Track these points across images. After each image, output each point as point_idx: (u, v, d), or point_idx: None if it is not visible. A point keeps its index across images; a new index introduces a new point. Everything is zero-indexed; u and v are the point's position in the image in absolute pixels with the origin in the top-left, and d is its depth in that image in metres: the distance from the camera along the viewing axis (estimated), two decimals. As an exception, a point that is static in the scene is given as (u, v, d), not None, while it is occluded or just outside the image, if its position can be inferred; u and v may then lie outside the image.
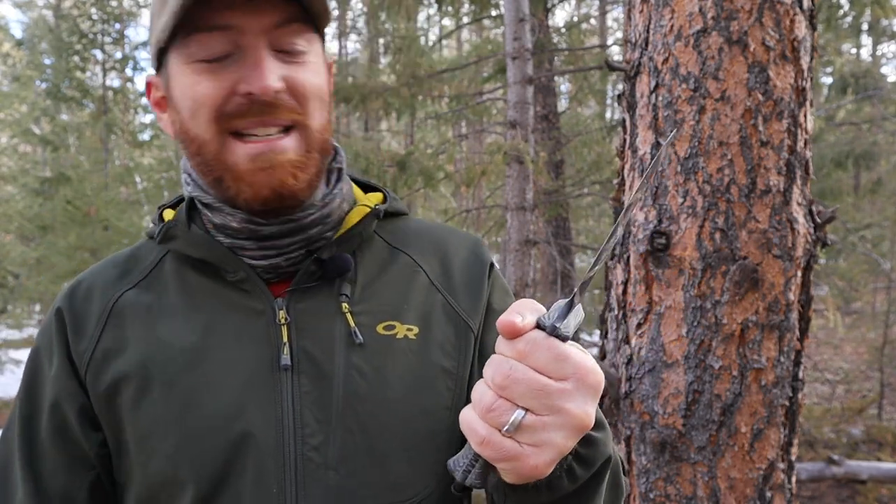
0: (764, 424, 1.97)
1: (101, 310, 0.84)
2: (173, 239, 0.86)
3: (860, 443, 6.50)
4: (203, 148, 0.79)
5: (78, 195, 8.47)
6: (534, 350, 0.59)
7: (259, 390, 0.79)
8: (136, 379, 0.80)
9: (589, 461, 0.68)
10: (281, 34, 0.77)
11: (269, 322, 0.82)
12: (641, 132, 2.12)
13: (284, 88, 0.77)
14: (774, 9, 1.95)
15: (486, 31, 12.38)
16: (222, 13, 0.75)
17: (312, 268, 0.83)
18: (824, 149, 7.95)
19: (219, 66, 0.77)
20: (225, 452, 0.77)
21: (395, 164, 5.51)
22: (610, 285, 2.23)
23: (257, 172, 0.77)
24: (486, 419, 0.60)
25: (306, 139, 0.80)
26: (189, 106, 0.79)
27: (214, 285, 0.84)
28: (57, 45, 10.77)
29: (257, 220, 0.81)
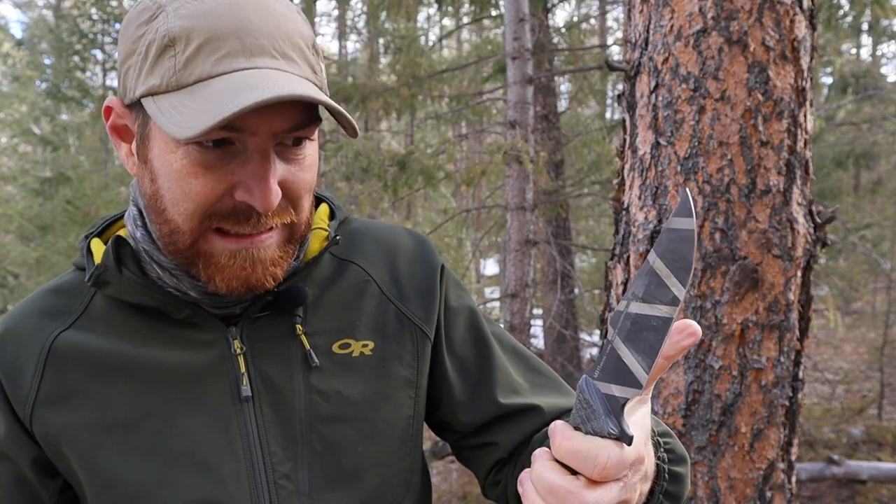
0: (764, 424, 1.97)
1: (37, 354, 0.77)
2: (106, 285, 0.78)
3: (860, 443, 6.50)
4: (177, 235, 0.73)
5: (78, 195, 8.47)
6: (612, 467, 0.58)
7: (222, 425, 0.76)
8: (87, 431, 0.75)
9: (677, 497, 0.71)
10: (289, 136, 0.72)
11: (223, 353, 0.78)
12: (641, 132, 2.12)
13: (281, 195, 0.72)
14: (774, 9, 1.95)
15: (486, 31, 12.38)
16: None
17: (269, 298, 0.80)
18: (824, 149, 7.96)
19: (216, 158, 0.70)
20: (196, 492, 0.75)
21: (395, 163, 5.51)
22: (610, 285, 2.23)
23: (238, 270, 0.73)
24: None
25: (289, 234, 0.77)
26: (173, 191, 0.71)
27: (159, 324, 0.79)
28: (57, 45, 10.77)
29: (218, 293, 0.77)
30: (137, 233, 0.79)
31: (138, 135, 0.75)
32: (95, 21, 10.90)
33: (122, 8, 11.51)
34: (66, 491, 0.79)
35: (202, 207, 0.71)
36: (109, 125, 0.78)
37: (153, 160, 0.73)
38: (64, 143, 11.31)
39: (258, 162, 0.70)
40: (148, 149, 0.74)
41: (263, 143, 0.70)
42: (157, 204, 0.74)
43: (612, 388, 0.57)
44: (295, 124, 0.71)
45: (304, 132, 0.73)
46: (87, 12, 10.84)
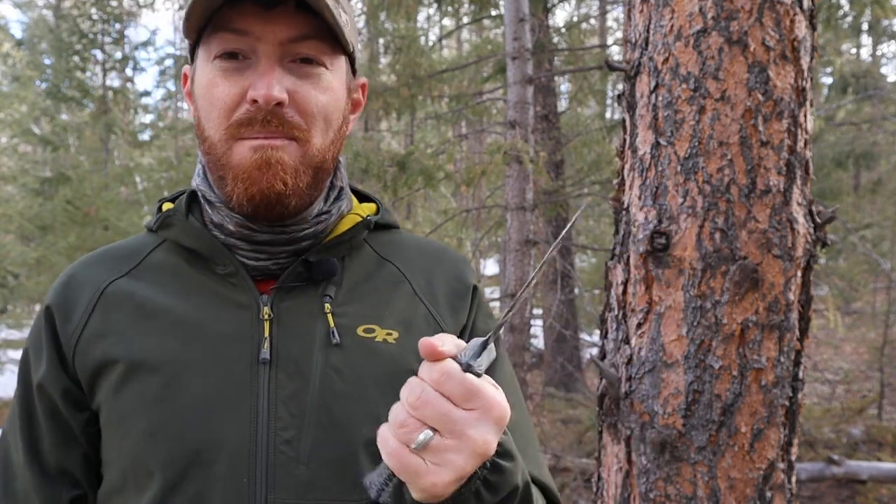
0: (764, 424, 1.97)
1: (90, 297, 0.88)
2: (169, 227, 0.89)
3: (860, 443, 6.50)
4: (212, 147, 0.84)
5: (78, 195, 8.47)
6: (447, 380, 0.64)
7: (237, 382, 0.82)
8: (121, 364, 0.83)
9: (496, 487, 0.70)
10: (295, 48, 0.81)
11: (252, 317, 0.84)
12: (641, 132, 2.12)
13: (288, 101, 0.80)
14: (774, 9, 1.95)
15: (486, 31, 12.37)
16: (244, 18, 0.80)
17: (300, 269, 0.86)
18: (824, 149, 7.96)
19: (234, 69, 0.81)
20: (196, 440, 0.80)
21: (395, 163, 5.51)
22: (610, 285, 2.23)
23: (254, 170, 0.81)
24: (398, 434, 0.64)
25: (304, 153, 0.83)
26: (204, 105, 0.84)
27: (203, 277, 0.87)
28: (57, 45, 10.77)
29: (252, 225, 0.85)
30: (197, 179, 0.90)
31: (191, 82, 0.88)
32: (95, 21, 10.90)
33: (122, 8, 11.50)
34: (91, 425, 0.87)
35: (223, 112, 0.81)
36: (185, 91, 0.91)
37: (195, 89, 0.86)
38: (64, 143, 11.31)
39: (264, 64, 0.80)
40: (193, 85, 0.87)
41: (269, 49, 0.80)
42: (200, 128, 0.85)
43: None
44: (300, 33, 0.80)
45: (311, 47, 0.81)
46: (87, 12, 10.84)
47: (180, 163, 11.02)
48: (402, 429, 0.64)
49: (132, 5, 13.21)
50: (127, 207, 9.27)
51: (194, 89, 0.86)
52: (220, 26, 0.81)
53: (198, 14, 0.80)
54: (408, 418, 0.64)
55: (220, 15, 0.80)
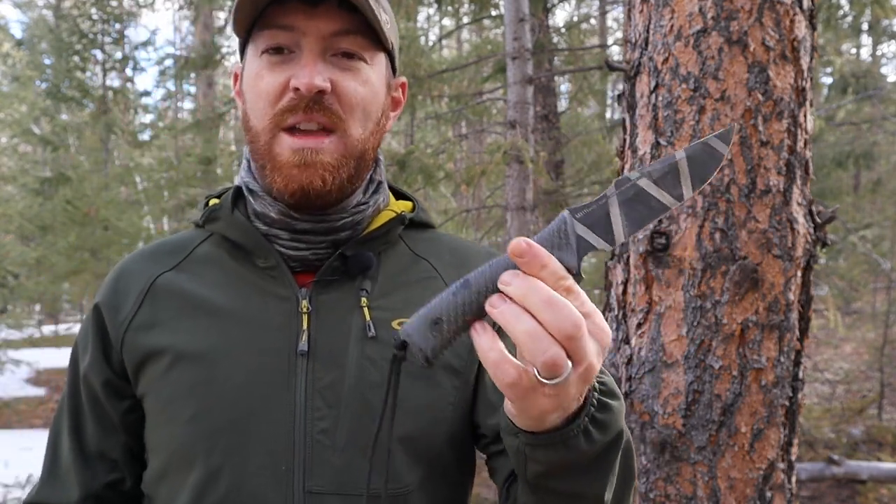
0: (764, 424, 1.97)
1: (140, 289, 0.92)
2: (216, 221, 0.94)
3: (860, 443, 6.50)
4: (257, 137, 0.87)
5: (78, 195, 8.48)
6: (576, 298, 0.58)
7: (276, 373, 0.85)
8: (168, 353, 0.87)
9: (605, 425, 0.68)
10: (337, 41, 0.85)
11: (292, 309, 0.87)
12: (641, 132, 2.12)
13: (329, 90, 0.83)
14: (774, 9, 1.95)
15: (486, 31, 12.38)
16: (289, 15, 0.84)
17: (336, 263, 0.89)
18: (824, 149, 7.96)
19: (279, 62, 0.85)
20: (238, 428, 0.83)
21: (396, 163, 5.51)
22: (610, 285, 2.23)
23: (293, 168, 0.84)
24: (543, 367, 0.57)
25: (344, 145, 0.86)
26: (251, 97, 0.87)
27: (245, 270, 0.91)
28: (57, 45, 10.77)
29: (293, 213, 0.88)
30: (242, 173, 0.94)
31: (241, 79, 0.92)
32: (95, 21, 10.91)
33: (122, 8, 11.51)
34: (131, 413, 0.92)
35: (268, 101, 0.85)
36: (236, 90, 0.94)
37: (244, 84, 0.90)
38: (64, 143, 11.32)
39: (307, 56, 0.84)
40: (243, 80, 0.91)
41: (312, 43, 0.84)
42: (247, 120, 0.89)
43: (588, 234, 0.62)
44: (342, 28, 0.84)
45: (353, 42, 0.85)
46: (87, 12, 10.84)
47: (180, 163, 11.02)
48: (554, 367, 0.56)
49: (132, 5, 13.20)
50: (127, 207, 9.28)
51: (243, 85, 0.90)
52: (266, 23, 0.85)
53: (245, 12, 0.84)
54: (562, 355, 0.57)
55: (267, 12, 0.84)
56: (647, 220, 0.63)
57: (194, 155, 10.90)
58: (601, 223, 0.62)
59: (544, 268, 0.58)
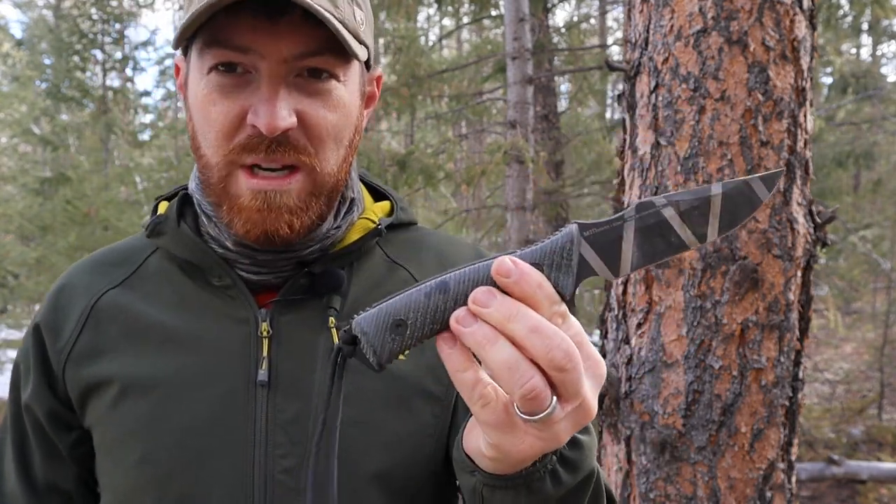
0: (764, 424, 1.97)
1: (81, 310, 0.82)
2: (161, 235, 0.83)
3: (860, 443, 6.50)
4: (209, 170, 0.75)
5: (78, 195, 8.48)
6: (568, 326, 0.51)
7: (233, 406, 0.76)
8: (114, 384, 0.78)
9: (575, 465, 0.61)
10: (304, 64, 0.71)
11: (250, 333, 0.78)
12: (641, 132, 2.12)
13: (295, 125, 0.71)
14: (774, 9, 1.95)
15: (486, 31, 12.38)
16: (244, 33, 0.69)
17: (302, 281, 0.79)
18: (824, 149, 7.96)
19: (232, 85, 0.72)
20: (190, 469, 0.74)
21: (396, 163, 5.51)
22: (610, 285, 2.23)
23: (254, 212, 0.73)
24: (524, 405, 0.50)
25: (313, 182, 0.75)
26: (200, 121, 0.75)
27: (199, 289, 0.81)
28: (57, 45, 10.77)
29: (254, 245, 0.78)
30: (193, 183, 0.83)
31: (183, 81, 0.79)
32: (95, 21, 10.91)
33: (122, 8, 11.50)
34: (79, 446, 0.83)
35: (222, 135, 0.72)
36: (178, 84, 0.81)
37: (188, 98, 0.77)
38: (64, 143, 11.32)
39: (266, 85, 0.70)
40: (187, 89, 0.77)
41: (273, 68, 0.70)
42: (194, 141, 0.77)
43: (594, 257, 0.54)
44: (307, 50, 0.71)
45: (321, 62, 0.72)
46: (87, 12, 10.84)
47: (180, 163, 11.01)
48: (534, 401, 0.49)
49: (132, 5, 13.21)
50: (127, 207, 9.27)
51: (188, 93, 0.77)
52: (216, 39, 0.70)
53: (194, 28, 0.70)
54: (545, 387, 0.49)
55: (215, 23, 0.69)
56: (660, 255, 0.55)
57: (194, 155, 10.86)
58: (610, 248, 0.54)
59: (538, 289, 0.51)
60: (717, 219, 0.55)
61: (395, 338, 0.53)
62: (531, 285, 0.50)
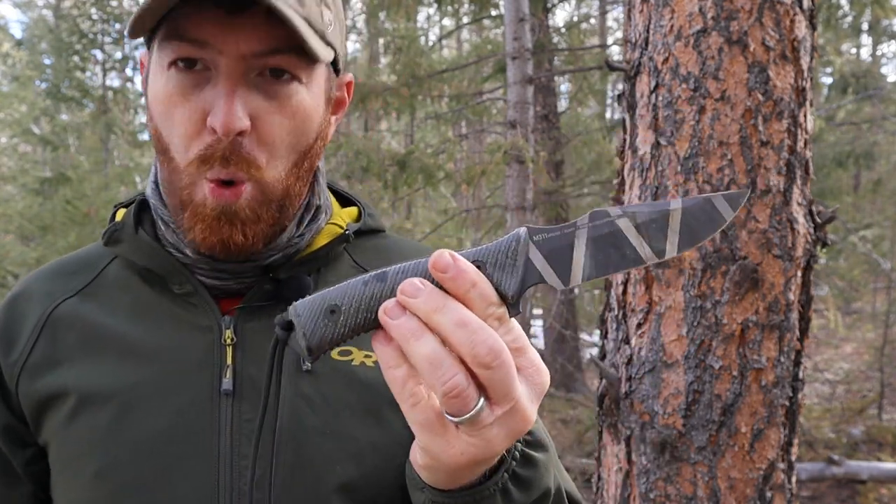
0: (764, 424, 1.97)
1: (36, 320, 0.80)
2: (118, 243, 0.81)
3: (860, 443, 6.50)
4: (176, 174, 0.73)
5: (78, 195, 8.48)
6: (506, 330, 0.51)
7: (196, 416, 0.73)
8: (70, 396, 0.75)
9: (528, 483, 0.60)
10: (263, 62, 0.70)
11: (213, 341, 0.76)
12: (641, 132, 2.12)
13: (248, 128, 0.70)
14: (774, 9, 1.95)
15: (486, 31, 12.38)
16: (203, 26, 0.68)
17: (267, 286, 0.78)
18: (824, 149, 7.96)
19: (191, 84, 0.70)
20: (151, 483, 0.72)
21: (395, 163, 5.51)
22: (610, 285, 2.23)
23: (213, 220, 0.72)
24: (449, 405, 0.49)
25: (261, 191, 0.73)
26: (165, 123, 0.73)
27: (159, 297, 0.79)
28: (57, 45, 10.77)
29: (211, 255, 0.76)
30: (149, 189, 0.81)
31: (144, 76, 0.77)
32: (95, 21, 10.91)
33: (122, 8, 11.50)
34: (34, 463, 0.79)
35: (187, 139, 0.71)
36: (143, 79, 0.80)
37: (149, 93, 0.75)
38: (64, 143, 11.32)
39: (223, 82, 0.69)
40: (148, 86, 0.75)
41: (231, 65, 0.68)
42: (160, 142, 0.74)
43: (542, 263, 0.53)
44: (267, 47, 0.69)
45: (283, 61, 0.70)
46: (87, 12, 10.84)
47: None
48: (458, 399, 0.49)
49: (132, 5, 13.21)
50: (126, 208, 9.25)
51: (150, 96, 0.76)
52: (175, 32, 0.69)
53: (151, 19, 0.68)
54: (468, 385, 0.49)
55: (175, 16, 0.68)
56: (614, 267, 0.53)
57: (194, 155, 10.87)
58: (560, 256, 0.53)
59: (473, 287, 0.50)
60: (676, 234, 0.53)
61: (327, 323, 0.52)
62: (466, 282, 0.49)
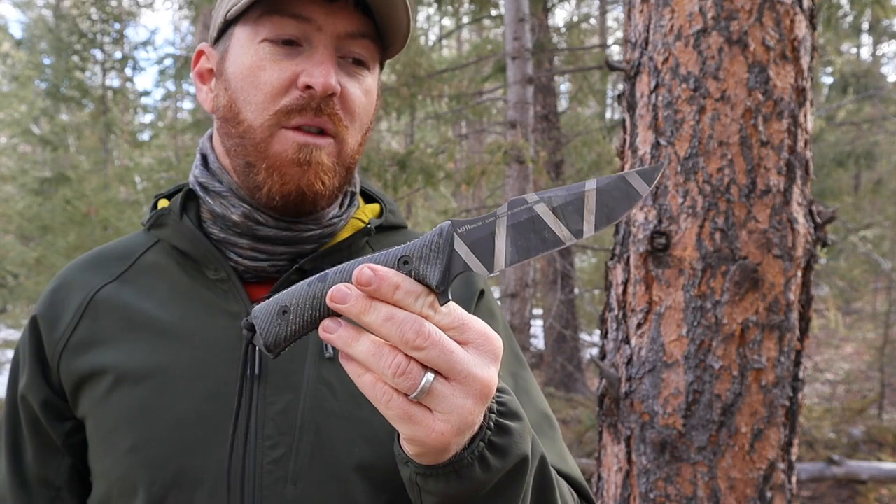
0: (764, 424, 1.96)
1: (79, 303, 0.86)
2: (163, 227, 0.87)
3: (860, 443, 6.50)
4: (249, 132, 0.80)
5: (77, 195, 8.48)
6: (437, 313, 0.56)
7: (223, 397, 0.78)
8: (109, 374, 0.81)
9: (504, 450, 0.63)
10: (350, 44, 0.81)
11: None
12: (641, 132, 2.12)
13: (339, 91, 0.79)
14: (774, 9, 1.94)
15: (486, 31, 12.38)
16: (305, 5, 0.78)
17: (294, 277, 0.83)
18: (825, 149, 7.96)
19: (283, 54, 0.79)
20: (180, 458, 0.77)
21: (396, 163, 5.51)
22: (610, 285, 2.23)
23: (294, 166, 0.79)
24: (399, 384, 0.55)
25: (340, 152, 0.82)
26: (244, 87, 0.80)
27: (194, 283, 0.85)
28: (56, 45, 10.76)
29: (258, 217, 0.82)
30: (196, 171, 0.87)
31: (218, 61, 0.85)
32: (95, 21, 10.90)
33: (122, 8, 11.50)
34: (74, 435, 0.86)
35: (270, 96, 0.79)
36: (196, 70, 0.88)
37: (228, 69, 0.83)
38: (63, 143, 11.32)
39: (321, 52, 0.79)
40: (226, 64, 0.83)
41: (327, 40, 0.79)
42: (232, 109, 0.82)
43: (467, 253, 0.57)
44: (359, 29, 0.80)
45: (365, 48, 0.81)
46: (86, 12, 10.84)
47: (180, 162, 11.02)
48: (404, 377, 0.54)
49: (132, 5, 13.22)
50: (126, 207, 9.27)
51: (226, 69, 0.83)
52: (276, 9, 0.78)
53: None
54: (409, 363, 0.54)
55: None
56: (536, 251, 0.56)
57: (194, 155, 10.87)
58: (483, 244, 0.57)
59: (397, 290, 0.55)
60: (592, 214, 0.56)
61: (280, 323, 0.57)
62: (389, 287, 0.55)
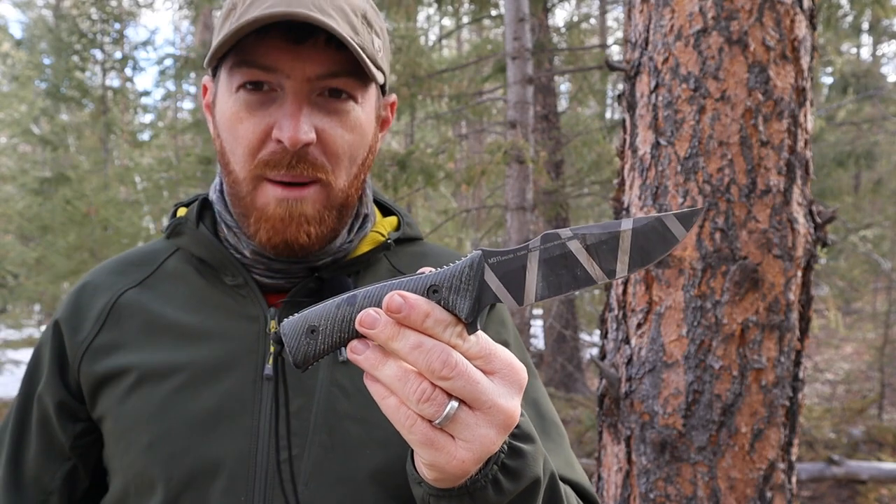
0: (764, 424, 1.96)
1: (102, 306, 0.89)
2: (180, 235, 0.90)
3: (860, 443, 6.50)
4: (237, 184, 0.82)
5: (77, 195, 8.48)
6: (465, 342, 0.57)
7: (240, 398, 0.81)
8: (131, 373, 0.84)
9: (517, 473, 0.63)
10: (325, 84, 0.79)
11: (259, 330, 0.84)
12: (641, 132, 2.12)
13: (315, 141, 0.78)
14: (774, 9, 1.94)
15: (486, 31, 12.38)
16: (270, 53, 0.77)
17: (311, 285, 0.85)
18: (825, 149, 7.96)
19: (258, 103, 0.79)
20: (197, 456, 0.79)
21: (396, 163, 5.50)
22: (610, 285, 2.23)
23: (278, 220, 0.80)
24: (422, 410, 0.56)
25: (326, 195, 0.81)
26: (228, 139, 0.82)
27: (212, 288, 0.88)
28: (56, 45, 10.77)
29: (267, 254, 0.84)
30: (214, 195, 0.90)
31: (213, 101, 0.86)
32: (95, 21, 10.90)
33: (122, 8, 11.51)
34: (84, 437, 0.88)
35: (248, 150, 0.79)
36: (205, 103, 0.90)
37: (217, 115, 0.84)
38: (63, 142, 11.32)
39: (290, 101, 0.77)
40: (216, 109, 0.85)
41: (297, 86, 0.77)
42: (223, 157, 0.84)
43: (497, 285, 0.56)
44: (329, 70, 0.78)
45: (342, 83, 0.79)
46: (86, 12, 10.84)
47: (180, 163, 11.02)
48: (429, 403, 0.55)
49: (132, 5, 13.22)
50: (126, 207, 9.27)
51: (216, 111, 0.84)
52: (245, 60, 0.78)
53: (225, 49, 0.78)
54: (434, 390, 0.55)
55: (245, 44, 0.77)
56: (567, 287, 0.56)
57: (194, 155, 10.89)
58: (514, 277, 0.57)
59: (426, 318, 0.55)
60: (626, 255, 0.55)
61: (309, 342, 0.58)
62: (419, 316, 0.55)
